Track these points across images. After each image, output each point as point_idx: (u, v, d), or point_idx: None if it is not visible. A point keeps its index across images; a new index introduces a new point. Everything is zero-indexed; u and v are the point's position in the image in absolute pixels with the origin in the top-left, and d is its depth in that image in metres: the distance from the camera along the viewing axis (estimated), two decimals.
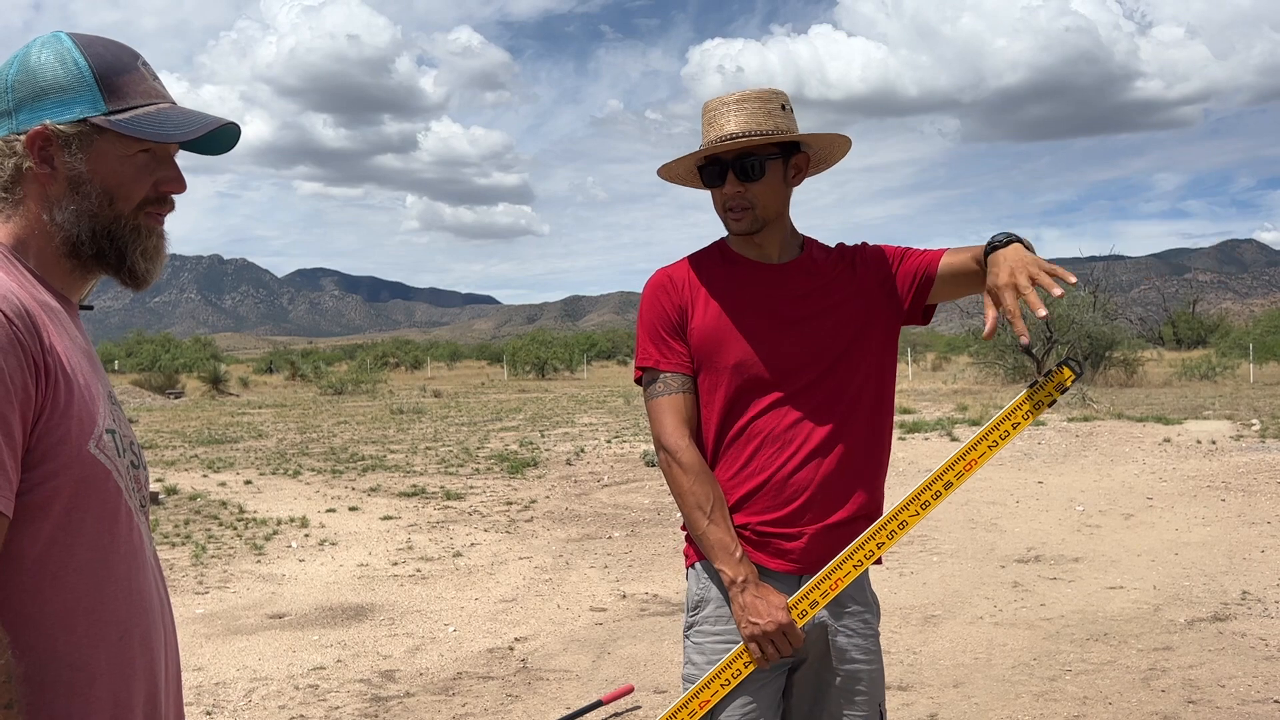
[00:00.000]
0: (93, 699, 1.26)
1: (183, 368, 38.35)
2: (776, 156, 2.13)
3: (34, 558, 1.21)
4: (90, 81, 1.32)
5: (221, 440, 16.82)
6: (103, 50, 1.35)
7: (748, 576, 2.04)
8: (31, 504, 1.19)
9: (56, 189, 1.33)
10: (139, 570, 1.34)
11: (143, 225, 1.38)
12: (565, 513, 9.53)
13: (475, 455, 13.96)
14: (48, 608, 1.22)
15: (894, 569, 6.90)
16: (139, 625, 1.33)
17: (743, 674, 2.04)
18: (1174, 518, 8.44)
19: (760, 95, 2.13)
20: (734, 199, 2.13)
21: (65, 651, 1.23)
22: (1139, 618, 5.62)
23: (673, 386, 2.16)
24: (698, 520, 2.08)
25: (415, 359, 60.14)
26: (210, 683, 4.89)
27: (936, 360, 39.91)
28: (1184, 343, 45.67)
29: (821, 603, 2.04)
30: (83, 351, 1.32)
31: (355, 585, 6.88)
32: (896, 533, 2.06)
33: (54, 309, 1.30)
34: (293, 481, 11.74)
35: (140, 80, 1.37)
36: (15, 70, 1.33)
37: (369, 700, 4.64)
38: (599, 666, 5.06)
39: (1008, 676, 4.73)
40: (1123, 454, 11.66)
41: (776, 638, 2.01)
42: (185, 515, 9.43)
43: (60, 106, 1.31)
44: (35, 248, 1.34)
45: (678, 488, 2.12)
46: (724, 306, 2.16)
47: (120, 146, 1.34)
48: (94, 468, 1.25)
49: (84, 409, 1.25)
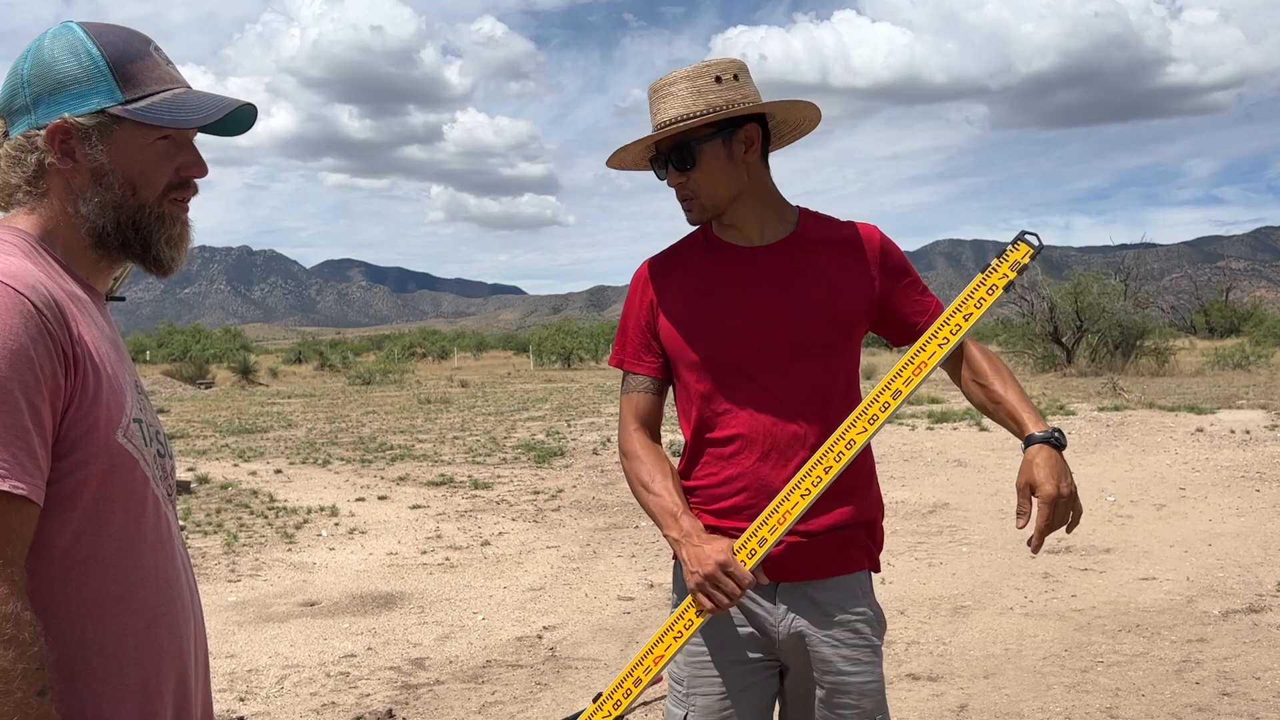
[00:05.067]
0: (123, 685, 1.27)
1: (213, 358, 38.70)
2: (712, 138, 1.96)
3: (64, 547, 1.22)
4: (105, 71, 1.32)
5: (252, 430, 16.96)
6: (115, 39, 1.35)
7: (689, 530, 1.93)
8: (61, 493, 1.20)
9: (80, 181, 1.33)
10: (167, 558, 1.35)
11: (167, 213, 1.38)
12: (592, 502, 9.54)
13: (502, 445, 14.00)
14: (77, 596, 1.23)
15: (922, 559, 6.86)
16: (167, 612, 1.34)
17: (695, 624, 1.91)
18: (1207, 508, 8.34)
19: (689, 74, 1.97)
20: (679, 190, 2.03)
21: (95, 639, 1.25)
22: (1172, 609, 5.56)
23: (632, 386, 2.12)
24: (641, 497, 2.03)
25: (442, 349, 60.42)
26: (243, 670, 4.94)
27: None
28: (1216, 331, 45.10)
29: (770, 539, 1.88)
30: (110, 341, 1.33)
31: (385, 574, 6.92)
32: (844, 453, 1.89)
33: (81, 299, 1.30)
34: (322, 471, 11.82)
35: (154, 66, 1.37)
36: (30, 65, 1.33)
37: (399, 687, 4.66)
38: (627, 655, 5.06)
39: (1039, 667, 4.69)
40: (1154, 444, 11.53)
41: (719, 580, 1.86)
42: (217, 504, 9.52)
43: (77, 99, 1.31)
44: (62, 239, 1.34)
45: (627, 478, 2.08)
46: (695, 297, 2.05)
47: (140, 135, 1.34)
48: (122, 456, 1.26)
49: (112, 398, 1.26)
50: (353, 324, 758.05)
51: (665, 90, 1.99)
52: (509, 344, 78.34)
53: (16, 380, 1.13)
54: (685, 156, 1.98)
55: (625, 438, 2.11)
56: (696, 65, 1.99)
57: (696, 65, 1.99)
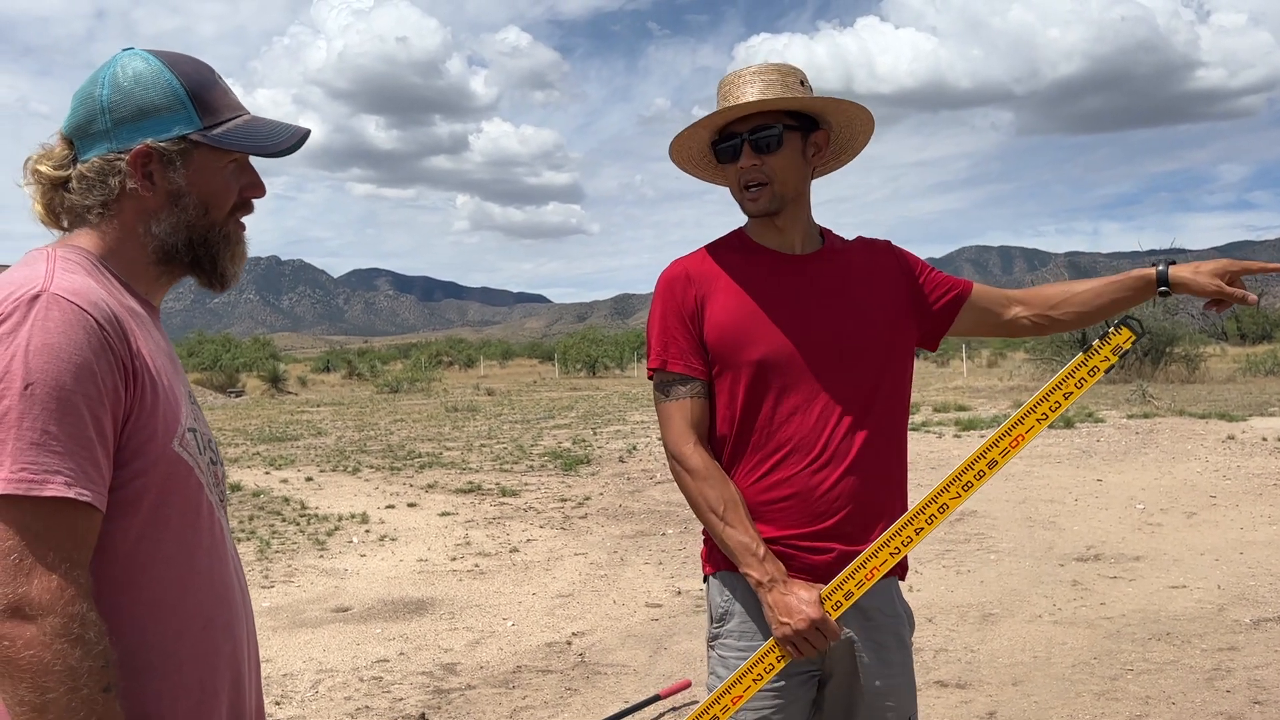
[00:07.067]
0: (181, 684, 1.32)
1: (243, 367, 39.06)
2: (795, 129, 2.00)
3: (125, 552, 1.27)
4: (184, 100, 1.39)
5: (282, 438, 17.12)
6: (189, 68, 1.41)
7: (774, 575, 1.92)
8: (123, 500, 1.25)
9: (155, 203, 1.39)
10: (220, 562, 1.40)
11: (232, 232, 1.46)
12: (619, 509, 9.58)
13: (529, 452, 14.06)
14: (138, 598, 1.28)
15: (950, 567, 6.85)
16: (222, 614, 1.39)
17: (776, 668, 1.94)
18: (1239, 516, 8.27)
19: (778, 68, 2.01)
20: (750, 173, 2.00)
21: (154, 639, 1.30)
22: (1202, 617, 5.53)
23: (682, 390, 2.03)
24: (713, 524, 1.97)
25: (468, 358, 60.69)
26: (278, 674, 5.01)
27: (992, 357, 39.40)
28: (1248, 338, 44.59)
29: (857, 593, 1.91)
30: (165, 354, 1.39)
31: (415, 580, 6.98)
32: (936, 517, 1.91)
33: (139, 314, 1.36)
34: (352, 478, 11.93)
35: (224, 94, 1.44)
36: (109, 92, 1.38)
37: (431, 692, 4.72)
38: (655, 661, 5.09)
39: (1068, 675, 4.69)
40: (1184, 451, 11.43)
41: (810, 634, 1.89)
42: (250, 511, 9.63)
43: (160, 125, 1.37)
44: (127, 257, 1.40)
45: (688, 494, 2.01)
46: (745, 299, 2.01)
47: (215, 159, 1.41)
48: (178, 464, 1.31)
49: (168, 409, 1.31)
50: (380, 333, 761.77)
51: (750, 77, 2.00)
52: (535, 352, 78.55)
53: (81, 393, 1.19)
54: (769, 140, 1.98)
55: (684, 451, 2.01)
56: (779, 63, 2.04)
57: (779, 63, 2.04)
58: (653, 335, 2.07)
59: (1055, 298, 2.20)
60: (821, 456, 1.98)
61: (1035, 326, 2.22)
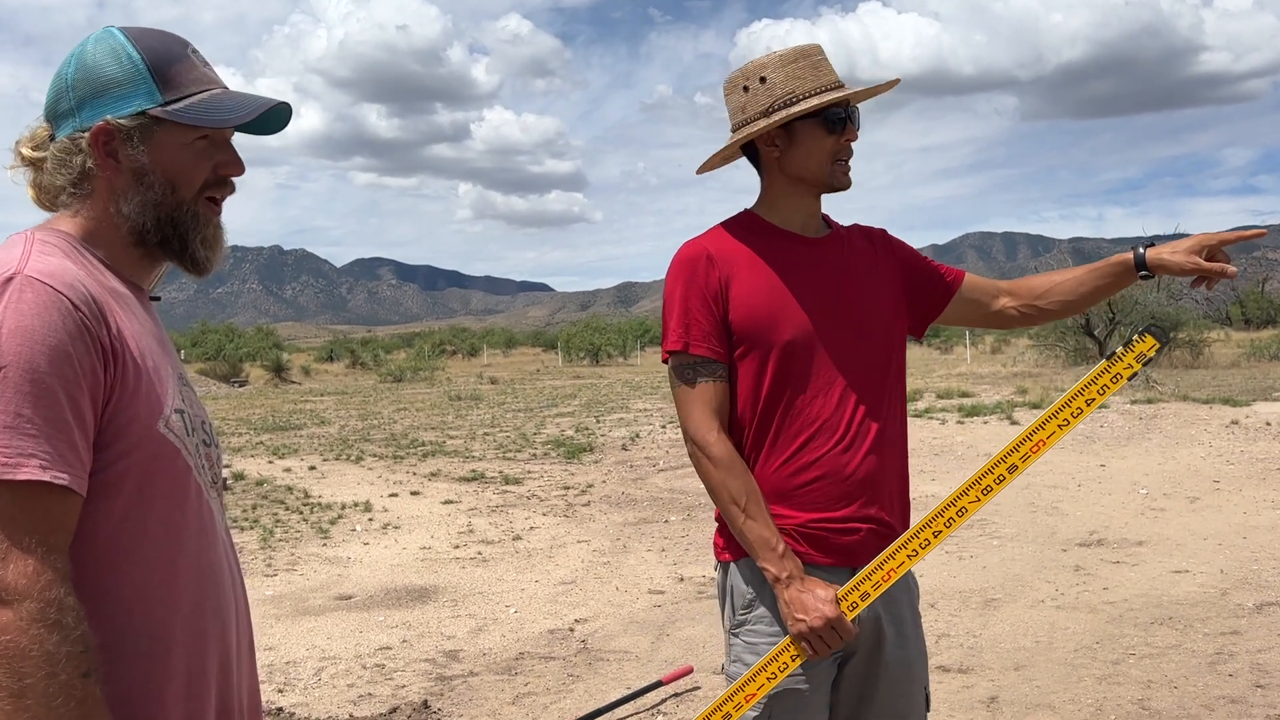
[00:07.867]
0: (169, 667, 1.31)
1: (246, 357, 39.09)
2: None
3: (107, 535, 1.25)
4: (145, 74, 1.36)
5: (285, 427, 17.14)
6: (154, 42, 1.39)
7: (792, 572, 1.92)
8: (104, 482, 1.24)
9: (121, 182, 1.37)
10: (210, 545, 1.39)
11: (201, 213, 1.42)
12: (622, 497, 9.58)
13: (532, 441, 14.07)
14: (124, 581, 1.27)
15: (953, 553, 6.84)
16: (211, 597, 1.37)
17: (790, 667, 1.93)
18: (1242, 501, 8.26)
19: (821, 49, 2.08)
20: (846, 150, 2.04)
21: (142, 623, 1.28)
22: (1205, 602, 5.52)
23: (703, 373, 1.99)
24: (734, 516, 1.96)
25: (472, 346, 60.75)
26: (281, 661, 5.02)
27: (995, 343, 39.34)
28: (1253, 323, 44.52)
29: (874, 594, 1.92)
30: (153, 335, 1.37)
31: (418, 568, 6.99)
32: (955, 520, 1.90)
33: (123, 295, 1.34)
34: (355, 467, 11.94)
35: (192, 68, 1.41)
36: (74, 69, 1.37)
37: (434, 679, 4.72)
38: (658, 648, 5.09)
39: (1070, 660, 4.68)
40: (1188, 436, 11.41)
41: (825, 633, 1.89)
42: (253, 500, 9.64)
43: (119, 101, 1.35)
44: (105, 239, 1.38)
45: (709, 482, 2.00)
46: (774, 279, 2.01)
47: (179, 135, 1.38)
48: (163, 446, 1.30)
49: (152, 390, 1.29)
50: (383, 322, 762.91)
51: (822, 56, 2.05)
52: (538, 341, 78.58)
53: (56, 375, 1.17)
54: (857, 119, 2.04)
55: (708, 439, 1.99)
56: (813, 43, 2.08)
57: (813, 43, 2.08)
58: (672, 316, 2.02)
59: (1040, 288, 2.22)
60: (846, 437, 1.99)
61: (1023, 317, 2.25)
